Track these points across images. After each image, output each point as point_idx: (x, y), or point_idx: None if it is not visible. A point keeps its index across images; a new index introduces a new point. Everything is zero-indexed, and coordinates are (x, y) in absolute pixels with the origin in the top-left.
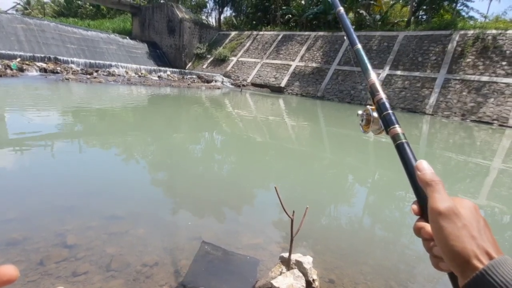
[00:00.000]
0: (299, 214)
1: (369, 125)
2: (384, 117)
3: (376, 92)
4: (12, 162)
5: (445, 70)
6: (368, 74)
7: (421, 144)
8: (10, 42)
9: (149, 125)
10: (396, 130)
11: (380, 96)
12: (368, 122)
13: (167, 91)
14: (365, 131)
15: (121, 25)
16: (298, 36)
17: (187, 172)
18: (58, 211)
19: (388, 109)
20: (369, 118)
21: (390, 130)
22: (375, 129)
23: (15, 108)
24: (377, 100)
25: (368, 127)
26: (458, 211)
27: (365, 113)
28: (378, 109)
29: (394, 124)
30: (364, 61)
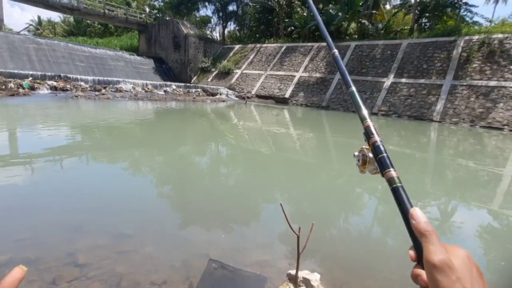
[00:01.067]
0: (306, 229)
1: (365, 165)
2: (380, 160)
3: (371, 135)
4: (23, 179)
5: (451, 76)
6: (363, 117)
7: (430, 152)
8: (22, 61)
9: (154, 139)
10: (391, 174)
11: (375, 139)
12: (364, 162)
13: (172, 105)
14: (362, 171)
15: (128, 42)
16: (301, 47)
17: (193, 186)
18: (68, 230)
19: (383, 152)
20: (365, 158)
21: (385, 173)
22: (371, 169)
23: (26, 126)
24: (372, 142)
25: (365, 168)
26: (451, 264)
27: (361, 154)
28: (374, 151)
29: (389, 168)
30: (358, 104)
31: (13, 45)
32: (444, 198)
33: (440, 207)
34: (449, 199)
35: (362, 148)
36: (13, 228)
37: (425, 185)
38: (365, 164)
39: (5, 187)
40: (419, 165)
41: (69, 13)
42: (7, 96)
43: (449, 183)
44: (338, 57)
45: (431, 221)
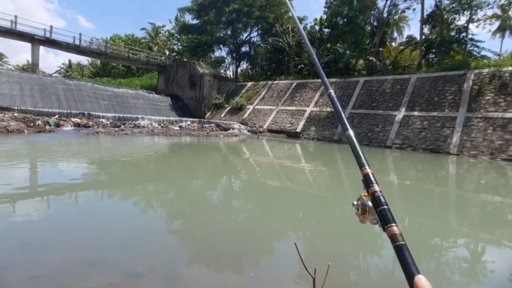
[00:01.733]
0: (322, 270)
1: (365, 215)
2: (381, 212)
3: (371, 184)
4: (39, 214)
5: (464, 108)
6: (361, 163)
7: (450, 186)
8: (51, 101)
9: (168, 174)
10: (394, 230)
11: (374, 189)
12: (364, 212)
13: (187, 140)
14: (362, 221)
15: (148, 81)
16: (311, 84)
17: (204, 223)
18: (83, 266)
19: (383, 204)
20: (365, 208)
21: (387, 228)
22: (372, 219)
23: (47, 161)
24: (372, 192)
25: (365, 217)
26: None
27: (360, 202)
28: (374, 202)
29: (390, 222)
30: (356, 149)
31: (45, 86)
32: (472, 236)
33: (468, 247)
34: (476, 238)
35: (361, 196)
36: (29, 264)
37: (449, 222)
38: (365, 214)
39: (22, 222)
40: (440, 200)
41: (97, 57)
42: (34, 132)
43: (475, 220)
44: (334, 98)
45: (460, 262)
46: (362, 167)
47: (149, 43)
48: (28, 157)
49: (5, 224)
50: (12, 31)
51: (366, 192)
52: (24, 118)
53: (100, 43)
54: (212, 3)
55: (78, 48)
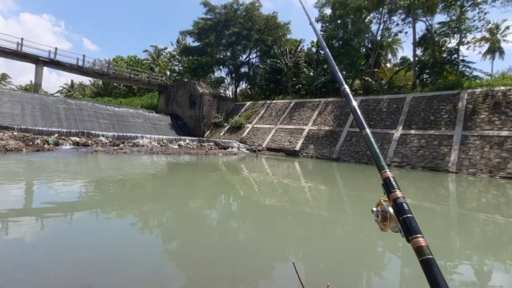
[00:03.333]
0: None
1: (386, 222)
2: (404, 222)
3: (392, 189)
4: (34, 234)
5: (460, 127)
6: (381, 166)
7: (451, 204)
8: (51, 120)
9: (165, 193)
10: (420, 242)
11: (397, 195)
12: (385, 219)
13: (185, 159)
14: (382, 229)
15: (149, 101)
16: (309, 103)
17: (201, 243)
18: None
19: (408, 212)
20: (385, 215)
21: (412, 240)
22: (394, 227)
23: (43, 180)
24: (393, 198)
25: (386, 225)
26: None
27: (380, 209)
28: (396, 209)
29: (417, 233)
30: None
31: (46, 105)
32: (476, 257)
33: (473, 267)
34: (481, 258)
35: (380, 202)
36: (23, 286)
37: (451, 242)
38: (386, 221)
39: (16, 242)
40: (441, 219)
41: (99, 78)
42: (33, 151)
43: (478, 240)
44: (349, 94)
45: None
46: (381, 170)
47: (150, 64)
48: (23, 176)
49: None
50: (17, 53)
51: (387, 198)
52: (23, 137)
53: (102, 64)
54: (212, 27)
55: (81, 69)
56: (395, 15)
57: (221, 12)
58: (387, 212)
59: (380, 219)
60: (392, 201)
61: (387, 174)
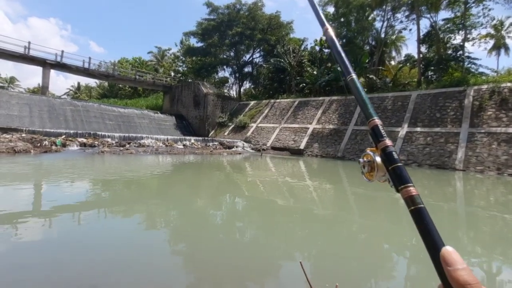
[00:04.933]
0: None
1: (373, 172)
2: (394, 171)
3: (381, 137)
4: (41, 234)
5: (467, 124)
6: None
7: (458, 202)
8: (59, 121)
9: (170, 193)
10: (411, 191)
11: (385, 143)
12: (372, 169)
13: (190, 159)
14: (369, 179)
15: (154, 102)
16: (313, 101)
17: (207, 242)
18: None
19: (397, 161)
20: (373, 165)
21: (402, 189)
22: (380, 176)
23: (50, 180)
24: (382, 147)
25: (373, 175)
26: None
27: (367, 159)
28: (384, 159)
29: (408, 182)
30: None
31: (53, 107)
32: (484, 255)
33: (481, 265)
34: (489, 256)
35: (367, 152)
36: (29, 286)
37: (459, 240)
38: (373, 171)
39: (25, 242)
40: (449, 217)
41: (105, 79)
42: (41, 152)
43: (486, 238)
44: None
45: None
46: (369, 117)
47: (155, 65)
48: (31, 178)
49: (8, 244)
50: (25, 56)
51: (375, 147)
52: (31, 139)
53: (108, 66)
54: (215, 27)
55: (87, 71)
56: (399, 12)
57: (224, 12)
58: (374, 162)
59: (367, 170)
60: (380, 151)
61: (375, 122)
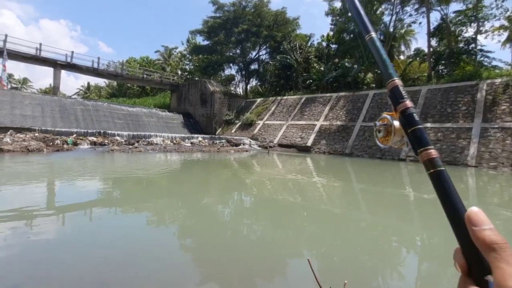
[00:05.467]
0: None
1: (389, 137)
2: (414, 134)
3: (401, 98)
4: (53, 231)
5: (480, 119)
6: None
7: (470, 200)
8: (70, 121)
9: (178, 190)
10: (432, 154)
11: (406, 104)
12: (388, 133)
13: (198, 156)
14: (383, 144)
15: (161, 100)
16: (320, 98)
17: (215, 239)
18: (93, 286)
19: (418, 123)
20: (389, 128)
21: (422, 152)
22: (396, 141)
23: (63, 178)
24: (401, 109)
25: (388, 140)
26: None
27: (383, 123)
28: (403, 122)
29: (428, 145)
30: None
31: (64, 107)
32: None
33: None
34: None
35: (384, 116)
36: (41, 282)
37: None
38: (389, 136)
39: (37, 239)
40: None
41: (114, 79)
42: (53, 151)
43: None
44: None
45: None
46: (389, 78)
47: (162, 64)
48: (45, 176)
49: (21, 240)
50: (36, 57)
51: (393, 111)
52: (44, 138)
53: (116, 66)
54: (221, 25)
55: (96, 71)
56: (408, 5)
57: (230, 9)
58: (392, 126)
59: (383, 134)
60: (399, 113)
61: (396, 82)
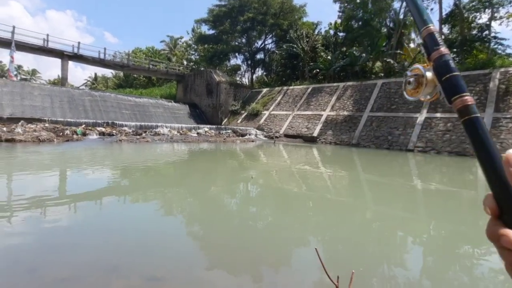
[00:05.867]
0: (344, 277)
1: (419, 88)
2: (449, 81)
3: (436, 45)
4: (65, 218)
5: (492, 109)
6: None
7: (479, 191)
8: (78, 111)
9: (186, 179)
10: (467, 100)
11: (441, 51)
12: (419, 84)
13: (204, 146)
14: (412, 96)
15: (168, 91)
16: (327, 88)
17: (223, 228)
18: (104, 270)
19: (455, 70)
20: (420, 79)
21: (457, 100)
22: (427, 93)
23: (75, 167)
24: (436, 56)
25: (418, 92)
26: None
27: (414, 73)
28: (438, 69)
29: (464, 92)
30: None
31: (73, 98)
32: None
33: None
34: None
35: (416, 67)
36: (55, 266)
37: (480, 229)
38: (420, 87)
39: (51, 225)
40: (468, 205)
41: (120, 70)
42: (63, 141)
43: None
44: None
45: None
46: (423, 25)
47: (168, 55)
48: (58, 165)
49: (36, 226)
50: (44, 48)
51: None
52: (54, 128)
53: (122, 56)
54: (227, 14)
55: (103, 61)
56: None
57: None
58: (424, 77)
59: (413, 86)
60: (433, 62)
61: (431, 29)
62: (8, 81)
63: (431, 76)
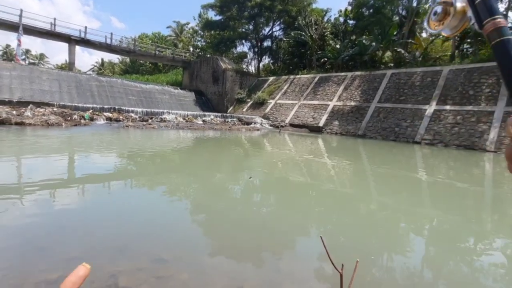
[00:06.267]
0: (349, 266)
1: (446, 19)
2: (484, 4)
3: None
4: (74, 201)
5: (503, 102)
6: None
7: (486, 186)
8: (85, 96)
9: (192, 166)
10: (500, 22)
11: None
12: (445, 15)
13: (210, 134)
14: (434, 29)
15: (174, 77)
16: (335, 77)
17: (228, 214)
18: (112, 252)
19: None
20: (448, 9)
21: (489, 22)
22: (452, 26)
23: (83, 152)
24: None
25: (443, 23)
26: None
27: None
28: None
29: (497, 14)
30: None
31: (80, 83)
32: (508, 239)
33: (505, 252)
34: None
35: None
36: (65, 246)
37: (485, 223)
38: (446, 17)
39: (60, 207)
40: (473, 199)
41: (126, 55)
42: (71, 126)
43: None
44: None
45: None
46: None
47: (174, 41)
48: (67, 149)
49: (46, 207)
50: (51, 33)
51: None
52: (62, 113)
53: (129, 42)
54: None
55: (109, 47)
56: None
57: None
58: (453, 6)
59: (438, 17)
60: None
61: None
62: (17, 65)
63: (460, 6)
